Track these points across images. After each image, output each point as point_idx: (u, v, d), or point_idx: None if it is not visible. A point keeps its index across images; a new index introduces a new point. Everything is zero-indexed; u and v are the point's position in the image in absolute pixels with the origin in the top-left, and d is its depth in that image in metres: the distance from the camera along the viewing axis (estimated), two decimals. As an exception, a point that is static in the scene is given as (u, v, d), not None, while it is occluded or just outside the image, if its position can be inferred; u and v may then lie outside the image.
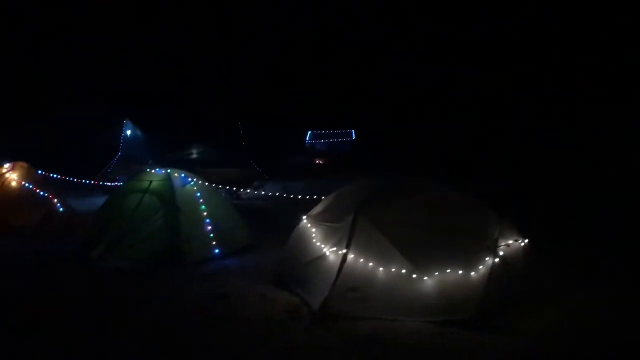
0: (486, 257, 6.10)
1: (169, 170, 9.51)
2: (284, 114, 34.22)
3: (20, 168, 11.62)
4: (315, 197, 8.66)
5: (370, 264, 6.28)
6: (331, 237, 6.96)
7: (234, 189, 12.44)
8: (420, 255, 6.17)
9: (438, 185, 7.34)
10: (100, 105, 19.61)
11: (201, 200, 9.27)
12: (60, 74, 23.87)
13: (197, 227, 8.96)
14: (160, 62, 29.23)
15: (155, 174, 9.49)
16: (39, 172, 11.84)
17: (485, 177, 17.82)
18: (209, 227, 9.03)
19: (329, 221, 7.22)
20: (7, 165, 11.61)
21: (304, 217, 7.69)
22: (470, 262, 6.07)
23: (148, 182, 9.28)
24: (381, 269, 6.23)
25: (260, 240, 9.82)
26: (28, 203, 11.14)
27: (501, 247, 6.30)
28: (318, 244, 7.11)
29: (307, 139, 35.64)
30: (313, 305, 6.29)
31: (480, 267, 6.04)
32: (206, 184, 9.70)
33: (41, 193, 11.25)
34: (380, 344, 5.42)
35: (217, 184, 10.45)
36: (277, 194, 12.76)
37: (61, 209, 11.22)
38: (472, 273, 6.02)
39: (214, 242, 8.97)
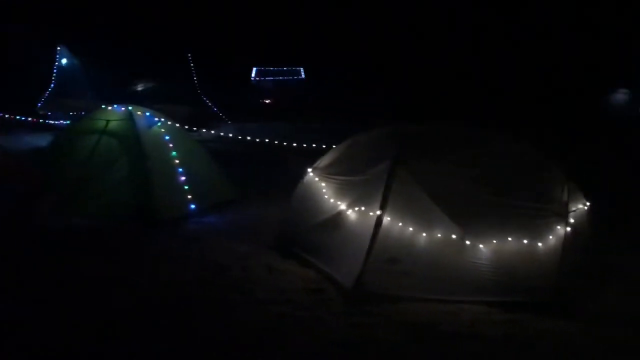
0: (557, 224, 4.97)
1: (130, 108, 7.78)
2: (229, 48, 31.95)
3: None
4: (294, 144, 7.25)
5: (411, 228, 5.06)
6: (348, 192, 5.68)
7: (194, 129, 10.80)
8: (473, 218, 5.00)
9: (485, 133, 6.15)
10: (31, 28, 16.50)
11: (171, 145, 7.66)
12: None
13: (169, 178, 7.40)
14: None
15: (114, 112, 7.74)
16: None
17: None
18: (183, 178, 7.48)
19: (343, 174, 5.91)
20: None
21: (310, 169, 6.33)
22: (536, 229, 4.93)
23: (105, 122, 7.55)
24: (424, 234, 5.03)
25: (242, 194, 8.37)
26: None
27: (571, 213, 5.20)
28: (332, 200, 5.81)
29: (253, 76, 33.49)
30: (343, 281, 5.03)
31: (550, 237, 4.92)
32: (177, 125, 8.07)
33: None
34: (440, 336, 4.24)
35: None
36: (241, 136, 11.15)
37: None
38: (540, 244, 4.89)
39: (189, 196, 7.46)
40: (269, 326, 4.35)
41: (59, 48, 15.54)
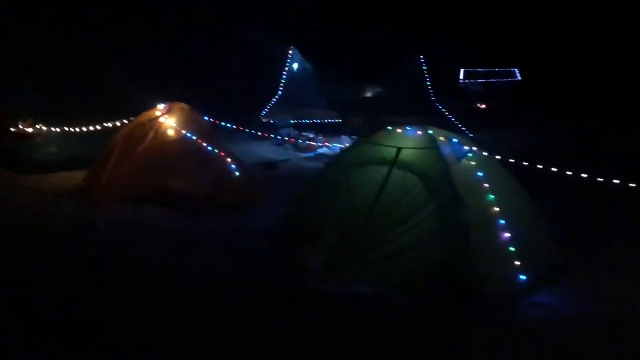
0: None
1: (430, 131, 5.70)
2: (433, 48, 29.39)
3: (179, 111, 8.19)
4: None
5: None
6: None
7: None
8: None
9: None
10: (260, 29, 15.43)
11: (486, 185, 5.43)
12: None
13: (488, 235, 5.18)
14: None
15: (406, 136, 5.72)
16: (205, 117, 8.50)
17: None
18: (507, 234, 5.22)
19: None
20: (161, 107, 8.19)
21: None
22: None
23: (395, 150, 5.57)
24: None
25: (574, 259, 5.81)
26: (192, 162, 7.84)
27: None
28: None
29: (460, 78, 30.54)
30: None
31: None
32: (496, 156, 5.83)
33: (209, 148, 7.93)
34: None
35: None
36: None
37: (237, 173, 7.86)
38: None
39: (517, 262, 5.16)
40: None
41: (291, 51, 14.25)
